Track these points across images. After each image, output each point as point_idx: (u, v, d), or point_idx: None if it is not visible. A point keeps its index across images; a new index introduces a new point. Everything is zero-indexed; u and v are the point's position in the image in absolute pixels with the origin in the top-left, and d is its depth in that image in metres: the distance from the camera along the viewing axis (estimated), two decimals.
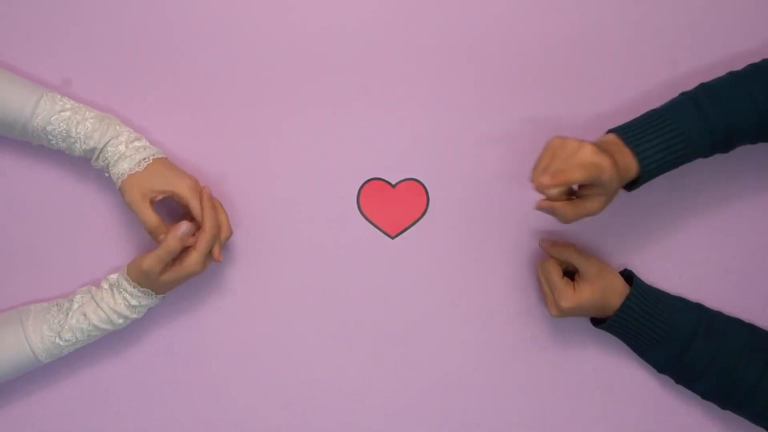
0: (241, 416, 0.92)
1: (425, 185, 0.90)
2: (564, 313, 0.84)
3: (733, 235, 0.90)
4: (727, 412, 0.86)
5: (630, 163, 0.77)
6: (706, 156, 0.81)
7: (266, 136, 0.89)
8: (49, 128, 0.80)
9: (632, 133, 0.79)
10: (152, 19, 0.87)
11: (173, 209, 0.88)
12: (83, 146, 0.81)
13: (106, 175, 0.83)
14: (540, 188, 0.76)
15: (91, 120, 0.81)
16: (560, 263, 0.86)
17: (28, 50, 0.87)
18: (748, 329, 0.85)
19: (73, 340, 0.82)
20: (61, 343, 0.81)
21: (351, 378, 0.91)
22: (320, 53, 0.89)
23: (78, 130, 0.80)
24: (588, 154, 0.74)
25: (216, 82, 0.88)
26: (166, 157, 0.84)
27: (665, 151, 0.78)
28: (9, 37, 0.87)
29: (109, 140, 0.81)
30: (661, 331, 0.84)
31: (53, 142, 0.81)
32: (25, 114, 0.80)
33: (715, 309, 0.87)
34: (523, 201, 0.90)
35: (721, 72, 0.82)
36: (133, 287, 0.81)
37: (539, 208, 0.78)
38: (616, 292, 0.84)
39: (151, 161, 0.82)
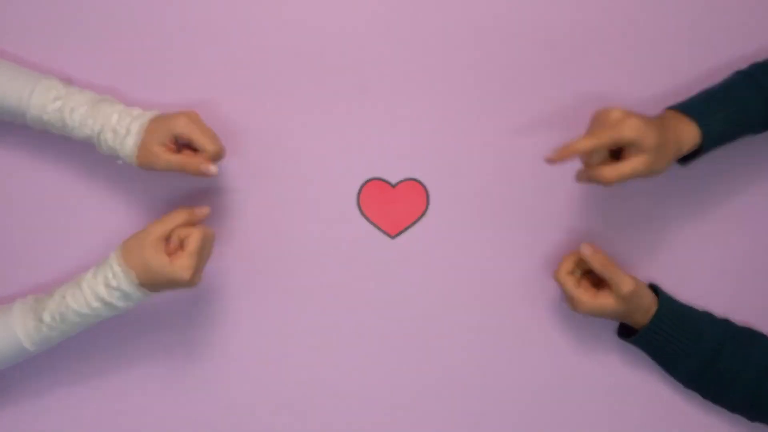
0: (241, 416, 0.91)
1: (425, 185, 0.90)
2: (584, 314, 0.83)
3: (736, 238, 0.90)
4: (736, 417, 0.85)
5: (690, 131, 0.78)
6: (760, 131, 0.82)
7: (266, 135, 0.89)
8: (45, 118, 0.80)
9: (692, 104, 0.80)
10: (152, 19, 0.88)
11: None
12: (80, 134, 0.80)
13: (119, 162, 0.82)
14: (557, 159, 0.77)
15: (84, 106, 0.80)
16: (573, 270, 0.85)
17: (28, 46, 0.88)
18: None
19: (53, 324, 0.78)
20: (43, 327, 0.78)
21: (351, 378, 0.91)
22: (320, 53, 0.89)
23: (72, 118, 0.80)
24: (616, 116, 0.75)
25: (216, 81, 0.89)
26: (159, 113, 0.82)
27: (726, 120, 0.79)
28: (9, 29, 0.87)
29: (102, 126, 0.80)
30: (688, 345, 0.82)
31: (53, 130, 0.81)
32: (23, 104, 0.80)
33: (722, 315, 0.87)
34: (523, 201, 0.90)
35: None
36: (118, 265, 0.76)
37: (578, 180, 0.80)
38: (641, 310, 0.83)
39: (147, 122, 0.80)
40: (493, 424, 0.91)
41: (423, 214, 0.90)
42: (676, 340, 0.82)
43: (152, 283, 0.77)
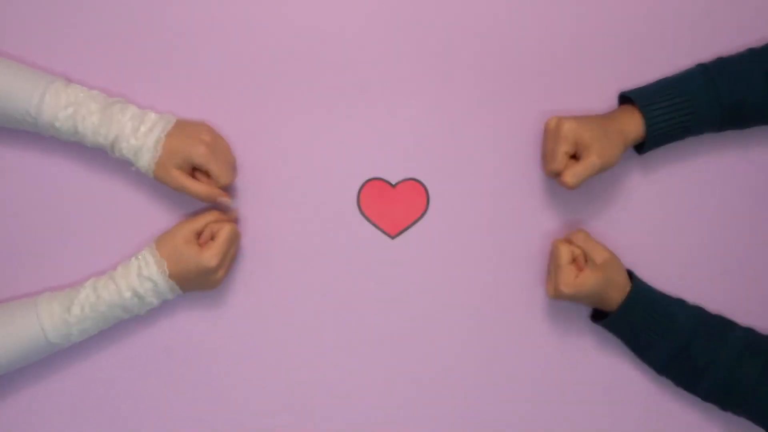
0: (240, 416, 0.91)
1: (425, 185, 0.90)
2: (560, 297, 0.84)
3: (733, 235, 0.91)
4: (727, 415, 0.86)
5: (634, 121, 0.82)
6: (717, 130, 0.84)
7: (266, 136, 0.89)
8: (57, 124, 0.79)
9: (642, 95, 0.83)
10: (152, 19, 0.87)
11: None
12: (93, 141, 0.80)
13: (133, 169, 0.82)
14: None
15: (96, 114, 0.79)
16: (573, 250, 0.85)
17: (29, 45, 0.87)
18: (747, 331, 0.85)
19: (81, 316, 0.79)
20: (70, 319, 0.79)
21: (350, 378, 0.91)
22: (320, 53, 0.89)
23: (84, 126, 0.79)
24: (552, 124, 0.83)
25: (216, 82, 0.88)
26: (174, 123, 0.82)
27: (672, 115, 0.81)
28: (10, 29, 0.87)
29: (116, 136, 0.79)
30: (661, 330, 0.83)
31: (64, 137, 0.81)
32: (32, 110, 0.78)
33: (715, 311, 0.87)
34: (523, 201, 0.90)
35: None
36: (151, 254, 0.80)
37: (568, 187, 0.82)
38: (618, 287, 0.84)
39: (163, 140, 0.80)
40: (493, 423, 0.92)
41: (423, 214, 0.90)
42: (649, 323, 0.83)
43: (182, 274, 0.81)
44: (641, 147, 0.85)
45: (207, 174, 0.83)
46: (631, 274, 0.87)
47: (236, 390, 0.91)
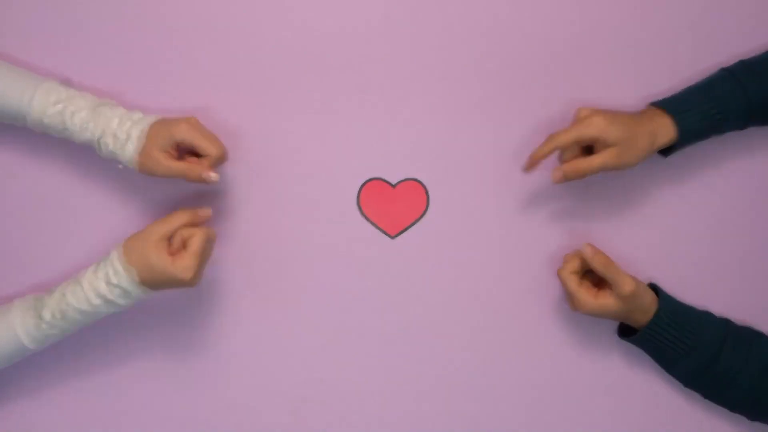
0: (241, 416, 0.91)
1: (425, 185, 0.90)
2: (584, 313, 0.83)
3: (736, 238, 0.90)
4: (736, 417, 0.85)
5: (666, 126, 0.81)
6: (741, 128, 0.84)
7: (266, 135, 0.89)
8: (46, 121, 0.80)
9: (672, 100, 0.84)
10: (152, 19, 0.88)
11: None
12: (80, 137, 0.81)
13: (120, 167, 0.82)
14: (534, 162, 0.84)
15: (85, 110, 0.80)
16: (577, 270, 0.84)
17: (27, 47, 0.87)
18: None
19: (53, 322, 0.78)
20: (43, 324, 0.78)
21: (351, 378, 0.91)
22: (320, 53, 0.89)
23: (73, 122, 0.80)
24: (583, 114, 0.82)
25: (216, 82, 0.89)
26: (160, 118, 0.82)
27: (703, 116, 0.82)
28: (8, 31, 0.87)
29: (103, 131, 0.80)
30: (689, 344, 0.82)
31: (52, 133, 0.81)
32: (23, 107, 0.80)
33: (722, 314, 0.87)
34: (523, 201, 0.90)
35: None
36: (120, 262, 0.76)
37: (553, 179, 0.82)
38: (643, 310, 0.83)
39: (147, 128, 0.80)
40: (494, 423, 0.91)
41: (423, 215, 0.90)
42: (676, 339, 0.82)
43: (153, 282, 0.78)
44: (667, 150, 0.84)
45: (195, 155, 0.82)
46: (655, 288, 0.86)
47: (235, 390, 0.91)
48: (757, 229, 0.90)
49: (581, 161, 0.80)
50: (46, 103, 0.80)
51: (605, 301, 0.82)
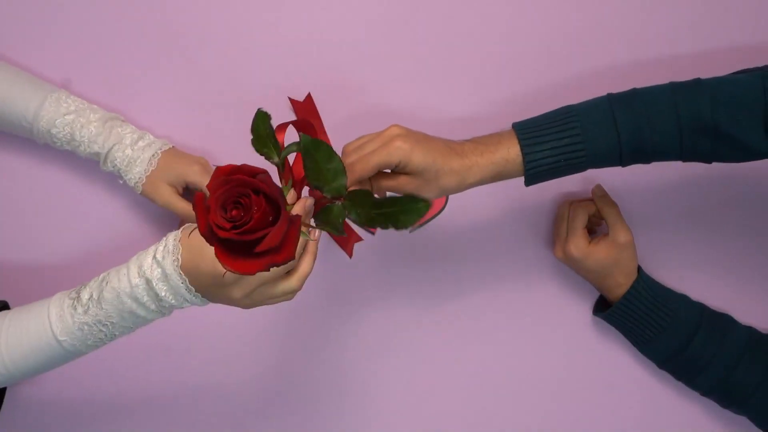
0: (239, 416, 0.92)
1: None
2: (567, 260, 0.84)
3: (736, 238, 0.91)
4: (726, 412, 0.87)
5: (516, 159, 0.72)
6: (622, 165, 0.74)
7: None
8: (53, 131, 0.80)
9: (529, 130, 0.73)
10: (152, 19, 0.87)
11: None
12: (87, 150, 0.81)
13: (121, 182, 0.82)
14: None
15: (95, 123, 0.80)
16: (588, 216, 0.85)
17: (28, 48, 0.87)
18: (749, 330, 0.85)
19: (88, 306, 0.67)
20: (79, 308, 0.68)
21: (351, 378, 0.92)
22: (320, 53, 0.89)
23: (82, 134, 0.80)
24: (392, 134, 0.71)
25: (216, 82, 0.89)
26: (172, 146, 0.84)
27: (557, 151, 0.72)
28: (10, 34, 0.87)
29: (113, 145, 0.80)
30: (664, 323, 0.84)
31: (58, 144, 0.81)
32: (29, 115, 0.79)
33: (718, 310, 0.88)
34: (523, 201, 0.90)
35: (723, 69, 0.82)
36: (173, 239, 0.67)
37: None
38: (626, 272, 0.84)
39: (159, 155, 0.81)
40: (495, 422, 0.93)
41: (440, 211, 0.90)
42: (651, 314, 0.84)
43: (197, 275, 0.66)
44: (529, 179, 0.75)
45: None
46: (638, 268, 0.87)
47: (234, 389, 0.92)
48: (757, 229, 0.91)
49: (384, 179, 0.73)
50: (56, 114, 0.79)
51: (596, 248, 0.83)
